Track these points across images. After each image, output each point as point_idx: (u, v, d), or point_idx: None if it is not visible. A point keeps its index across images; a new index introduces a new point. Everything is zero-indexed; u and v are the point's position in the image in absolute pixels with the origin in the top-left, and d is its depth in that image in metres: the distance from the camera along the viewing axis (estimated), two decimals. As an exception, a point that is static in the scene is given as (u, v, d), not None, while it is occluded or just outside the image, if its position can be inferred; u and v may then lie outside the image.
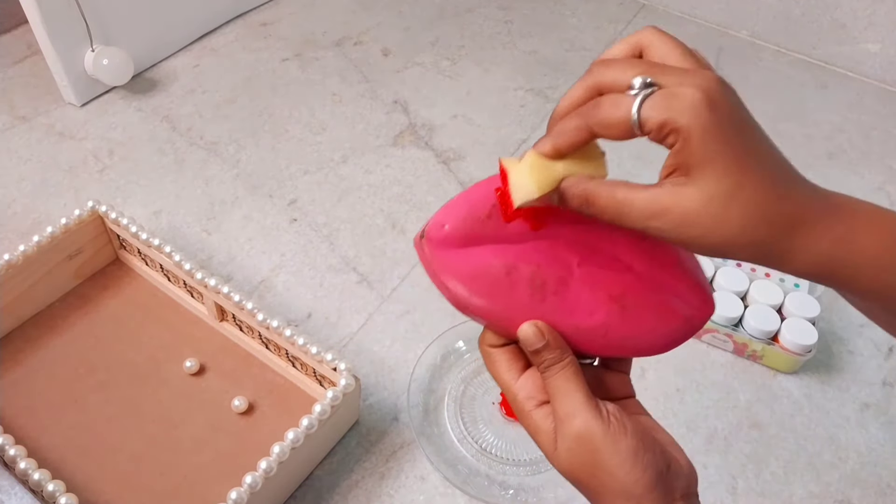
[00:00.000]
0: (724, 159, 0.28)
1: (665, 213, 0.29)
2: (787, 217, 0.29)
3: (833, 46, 1.09)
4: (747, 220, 0.28)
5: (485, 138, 0.94)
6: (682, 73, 0.29)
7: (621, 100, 0.29)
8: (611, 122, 0.29)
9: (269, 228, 0.81)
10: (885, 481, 0.63)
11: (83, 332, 0.68)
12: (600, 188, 0.30)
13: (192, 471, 0.59)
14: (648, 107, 0.28)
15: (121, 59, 0.92)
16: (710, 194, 0.28)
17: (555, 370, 0.34)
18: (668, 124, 0.28)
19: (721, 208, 0.28)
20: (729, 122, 0.28)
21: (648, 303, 0.35)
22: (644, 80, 0.29)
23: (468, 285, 0.35)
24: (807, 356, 0.68)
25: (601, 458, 0.32)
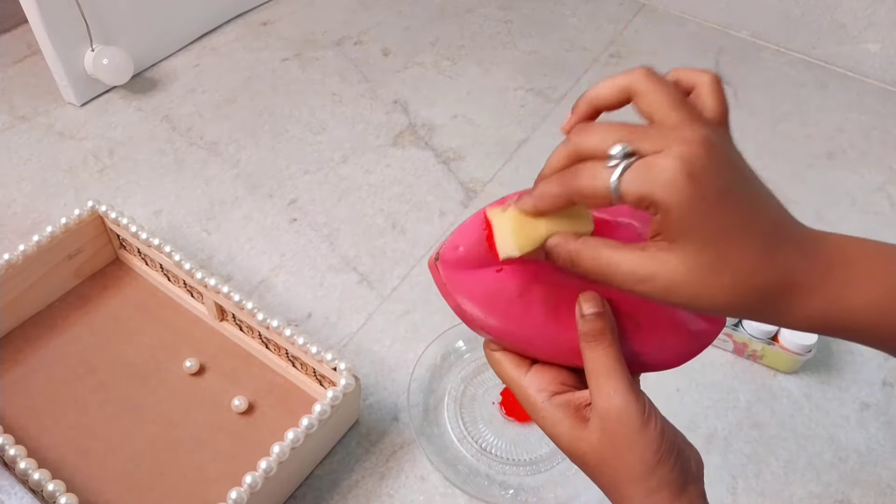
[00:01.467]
0: (705, 232, 0.28)
1: (650, 279, 0.29)
2: (774, 283, 0.29)
3: (833, 46, 1.09)
4: (733, 290, 0.28)
5: (485, 138, 0.94)
6: (663, 138, 0.28)
7: (600, 171, 0.29)
8: (589, 193, 0.29)
9: (269, 228, 0.81)
10: (885, 481, 0.63)
11: (83, 332, 0.68)
12: (585, 251, 0.31)
13: (192, 471, 0.59)
14: (627, 180, 0.28)
15: (121, 59, 0.92)
16: (692, 266, 0.28)
17: (602, 344, 0.34)
18: (645, 198, 0.28)
19: (704, 279, 0.28)
20: (710, 192, 0.27)
21: (661, 319, 0.35)
22: (623, 150, 0.28)
23: (483, 307, 0.35)
24: (807, 356, 0.68)
25: (633, 437, 0.32)
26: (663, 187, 0.27)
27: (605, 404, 0.33)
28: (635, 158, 0.28)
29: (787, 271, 0.29)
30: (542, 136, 0.95)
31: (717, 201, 0.28)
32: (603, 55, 1.10)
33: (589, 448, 0.34)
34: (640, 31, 1.16)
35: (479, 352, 0.70)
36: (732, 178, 0.29)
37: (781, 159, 0.92)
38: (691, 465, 0.34)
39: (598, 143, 0.29)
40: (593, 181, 0.29)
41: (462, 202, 0.85)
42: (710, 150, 0.28)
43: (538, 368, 0.36)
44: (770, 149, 0.94)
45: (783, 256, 0.29)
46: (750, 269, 0.28)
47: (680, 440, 0.34)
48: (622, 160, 0.28)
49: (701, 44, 1.14)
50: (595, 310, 0.34)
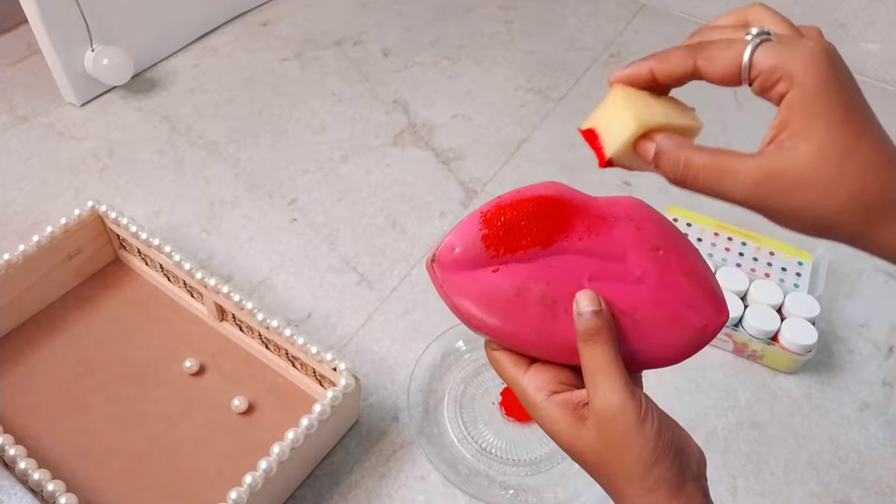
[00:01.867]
0: (841, 115, 0.26)
1: (775, 177, 0.27)
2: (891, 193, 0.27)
3: (833, 46, 1.09)
4: (862, 184, 0.26)
5: (485, 138, 0.94)
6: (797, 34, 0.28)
7: (734, 41, 0.28)
8: (720, 58, 0.28)
9: (269, 228, 0.81)
10: (884, 481, 0.63)
11: (83, 332, 0.68)
12: (701, 152, 0.29)
13: (192, 471, 0.59)
14: (763, 49, 0.27)
15: (121, 59, 0.92)
16: (826, 153, 0.26)
17: (599, 343, 0.33)
18: (779, 68, 0.26)
19: (836, 169, 0.26)
20: (844, 80, 0.27)
21: (660, 315, 0.35)
22: (761, 30, 0.28)
23: (480, 307, 0.35)
24: (807, 356, 0.68)
25: (629, 437, 0.32)
26: (804, 61, 0.26)
27: (602, 403, 0.33)
28: (772, 38, 0.28)
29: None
30: (542, 135, 0.95)
31: (848, 90, 0.27)
32: (603, 55, 1.10)
33: (586, 447, 0.34)
34: (639, 31, 1.16)
35: (479, 352, 0.70)
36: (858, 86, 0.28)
37: (781, 159, 0.92)
38: (691, 462, 0.34)
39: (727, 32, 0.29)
40: (727, 47, 0.28)
41: (462, 202, 0.85)
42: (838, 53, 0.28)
43: (537, 367, 0.36)
44: (770, 149, 0.93)
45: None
46: (879, 164, 0.27)
47: (680, 437, 0.34)
48: (759, 36, 0.28)
49: (701, 44, 1.14)
50: (592, 308, 0.34)
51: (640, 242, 0.36)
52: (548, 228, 0.35)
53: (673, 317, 0.36)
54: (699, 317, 0.36)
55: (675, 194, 0.36)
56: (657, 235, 0.36)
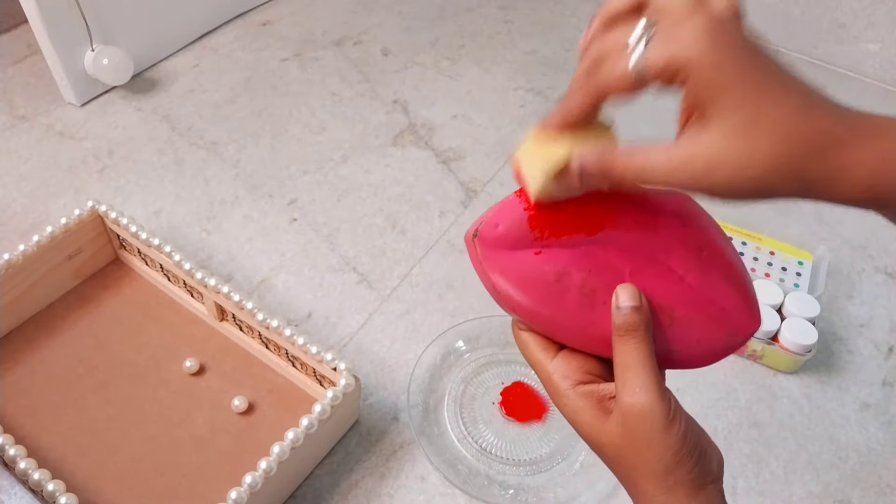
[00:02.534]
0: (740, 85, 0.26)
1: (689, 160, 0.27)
2: (821, 136, 0.26)
3: (833, 46, 1.09)
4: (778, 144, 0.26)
5: (485, 138, 0.94)
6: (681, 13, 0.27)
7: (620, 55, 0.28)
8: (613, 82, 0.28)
9: (269, 228, 0.81)
10: (884, 481, 0.63)
11: (83, 332, 0.68)
12: (616, 154, 0.29)
13: (192, 471, 0.59)
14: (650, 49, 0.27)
15: (121, 59, 0.92)
16: (732, 126, 0.26)
17: (635, 339, 0.33)
18: (672, 62, 0.26)
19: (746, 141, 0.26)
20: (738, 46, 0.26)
21: (697, 316, 0.35)
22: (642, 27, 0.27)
23: (518, 288, 0.35)
24: (807, 356, 0.68)
25: (654, 437, 0.32)
26: (688, 46, 0.26)
27: (630, 400, 0.32)
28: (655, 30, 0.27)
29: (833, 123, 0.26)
30: (542, 136, 0.95)
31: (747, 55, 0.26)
32: (603, 55, 1.10)
33: (608, 440, 0.33)
34: (640, 31, 1.16)
35: (479, 352, 0.70)
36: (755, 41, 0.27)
37: (781, 159, 0.92)
38: (712, 465, 0.33)
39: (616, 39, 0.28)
40: (614, 68, 0.28)
41: (462, 202, 0.85)
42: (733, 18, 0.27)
43: (565, 354, 0.36)
44: (770, 149, 0.94)
45: (826, 110, 0.27)
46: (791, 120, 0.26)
47: (703, 440, 0.34)
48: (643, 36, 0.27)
49: (701, 44, 1.14)
50: (632, 303, 0.33)
51: (686, 241, 0.35)
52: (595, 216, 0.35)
53: (709, 318, 0.35)
54: (734, 322, 0.36)
55: None
56: (703, 235, 0.36)
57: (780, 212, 0.85)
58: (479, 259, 0.36)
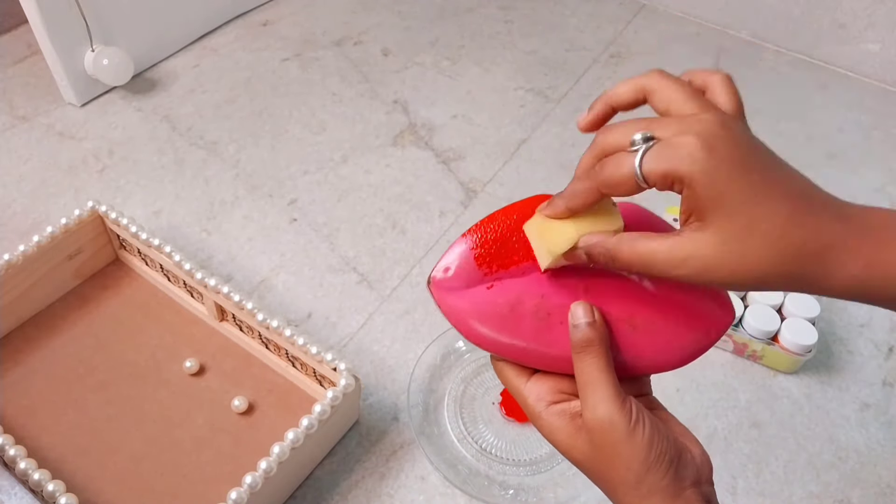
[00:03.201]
0: (733, 198, 0.28)
1: (687, 261, 0.29)
2: (810, 244, 0.28)
3: (833, 46, 1.09)
4: (770, 254, 0.28)
5: (485, 138, 0.94)
6: (680, 122, 0.29)
7: (624, 158, 0.30)
8: (616, 181, 0.30)
9: (269, 228, 0.81)
10: (885, 481, 0.63)
11: (83, 332, 0.68)
12: (622, 245, 0.31)
13: (192, 471, 0.59)
14: (649, 160, 0.29)
15: (121, 59, 0.92)
16: (726, 236, 0.28)
17: (591, 354, 0.34)
18: (669, 174, 0.28)
19: (739, 247, 0.28)
20: (732, 160, 0.28)
21: (661, 319, 0.35)
22: (644, 136, 0.29)
23: (477, 323, 0.36)
24: (807, 356, 0.68)
25: (618, 448, 0.33)
26: (684, 160, 0.28)
27: (591, 415, 0.33)
28: (656, 141, 0.29)
29: (821, 231, 0.29)
30: (542, 136, 0.95)
31: (740, 168, 0.28)
32: (603, 55, 1.10)
33: (582, 457, 0.34)
34: (639, 31, 1.16)
35: (479, 352, 0.70)
36: (752, 150, 0.29)
37: (781, 159, 0.92)
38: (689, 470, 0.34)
39: (620, 137, 0.31)
40: (618, 168, 0.30)
41: (462, 202, 0.85)
42: (727, 128, 0.29)
43: (537, 377, 0.37)
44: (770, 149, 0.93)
45: (814, 217, 0.29)
46: (782, 230, 0.28)
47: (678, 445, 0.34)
48: (644, 144, 0.29)
49: (701, 44, 1.14)
50: (585, 319, 0.34)
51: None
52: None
53: (674, 320, 0.36)
54: (703, 318, 0.36)
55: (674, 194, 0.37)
56: None
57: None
58: (438, 303, 0.37)
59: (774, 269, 0.29)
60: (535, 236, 0.35)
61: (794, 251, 0.28)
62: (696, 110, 0.30)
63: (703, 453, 0.35)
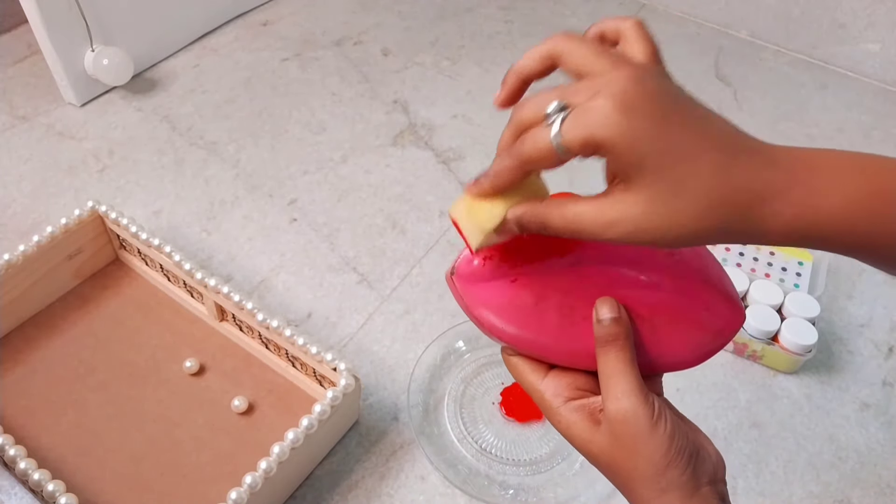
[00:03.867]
0: (655, 158, 0.27)
1: (616, 223, 0.29)
2: (739, 195, 0.28)
3: (833, 46, 1.09)
4: (698, 210, 0.28)
5: (485, 138, 0.94)
6: (592, 85, 0.28)
7: (540, 131, 0.29)
8: (536, 157, 0.29)
9: (269, 228, 0.81)
10: (885, 481, 0.63)
11: (83, 332, 0.68)
12: (550, 209, 0.31)
13: (192, 471, 0.59)
14: (565, 130, 0.28)
15: (121, 59, 0.92)
16: (653, 196, 0.28)
17: (616, 348, 0.34)
18: (588, 142, 0.28)
19: (667, 207, 0.28)
20: (650, 117, 0.27)
21: (677, 320, 0.36)
22: (557, 105, 0.29)
23: (500, 317, 0.36)
24: (807, 356, 0.68)
25: (640, 440, 0.33)
26: (601, 125, 0.27)
27: (614, 406, 0.33)
28: (570, 110, 0.28)
29: (749, 181, 0.28)
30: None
31: (660, 125, 0.27)
32: (603, 55, 1.10)
33: (599, 450, 0.34)
34: (640, 31, 1.16)
35: (480, 352, 0.70)
36: (671, 102, 0.28)
37: (781, 159, 0.92)
38: (706, 466, 0.34)
39: (535, 110, 0.30)
40: (536, 143, 0.29)
41: (462, 202, 0.85)
42: (642, 83, 0.28)
43: (555, 373, 0.37)
44: (770, 149, 0.93)
45: (742, 167, 0.28)
46: (709, 184, 0.28)
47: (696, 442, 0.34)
48: (559, 114, 0.28)
49: (701, 44, 1.14)
50: (612, 315, 0.34)
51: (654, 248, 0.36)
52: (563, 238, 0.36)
53: (690, 320, 0.36)
54: (716, 319, 0.36)
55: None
56: None
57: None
58: (460, 294, 0.37)
59: (705, 224, 0.28)
60: (463, 216, 0.34)
61: (724, 205, 0.28)
62: (608, 68, 0.29)
63: (717, 452, 0.35)
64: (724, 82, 1.05)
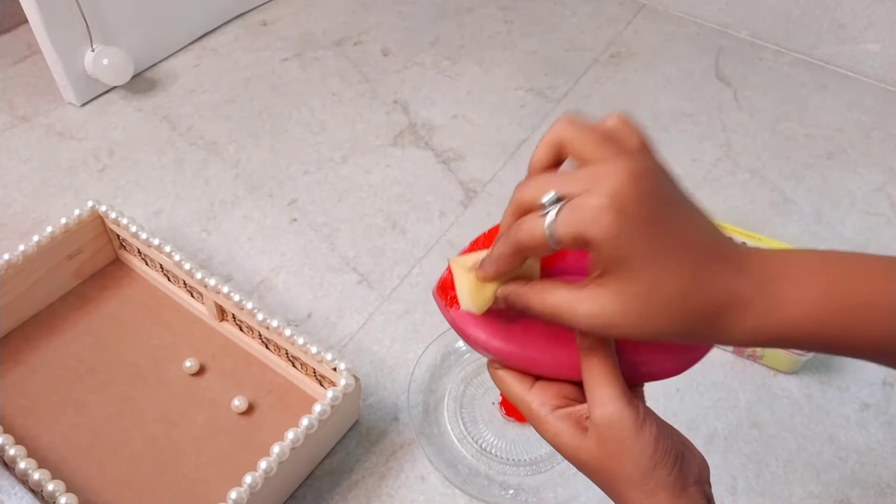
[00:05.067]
0: (635, 262, 0.29)
1: (593, 317, 0.30)
2: (707, 305, 0.30)
3: (833, 46, 1.09)
4: (669, 316, 0.30)
5: (485, 138, 0.94)
6: (589, 178, 0.29)
7: (535, 221, 0.30)
8: (532, 245, 0.31)
9: (269, 228, 0.81)
10: (884, 481, 0.63)
11: (83, 332, 0.68)
12: (532, 294, 0.33)
13: (192, 471, 0.59)
14: (559, 223, 0.29)
15: (121, 59, 0.92)
16: (627, 297, 0.29)
17: (598, 355, 0.34)
18: (578, 238, 0.29)
19: (639, 309, 0.29)
20: (638, 219, 0.28)
21: None
22: (553, 197, 0.30)
23: (485, 329, 0.37)
24: (807, 356, 0.68)
25: (627, 443, 0.33)
26: (591, 225, 0.28)
27: (600, 412, 0.34)
28: (565, 202, 0.29)
29: (719, 291, 0.30)
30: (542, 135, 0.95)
31: (644, 231, 0.28)
32: (603, 55, 1.10)
33: (588, 457, 0.35)
34: (639, 31, 1.16)
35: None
36: (660, 205, 0.29)
37: (781, 159, 0.92)
38: (692, 467, 0.34)
39: (534, 194, 0.31)
40: (532, 232, 0.30)
41: (462, 202, 0.85)
42: (636, 181, 0.28)
43: (541, 384, 0.37)
44: (770, 149, 0.94)
45: (714, 277, 0.30)
46: (681, 292, 0.29)
47: (681, 444, 0.35)
48: (554, 206, 0.30)
49: (701, 44, 1.14)
50: None
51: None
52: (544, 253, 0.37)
53: None
54: None
55: None
56: None
57: (780, 212, 0.85)
58: (446, 309, 0.38)
59: (673, 328, 0.30)
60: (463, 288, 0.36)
61: (693, 314, 0.30)
62: (606, 156, 0.31)
63: (701, 455, 0.36)
64: (724, 82, 1.05)
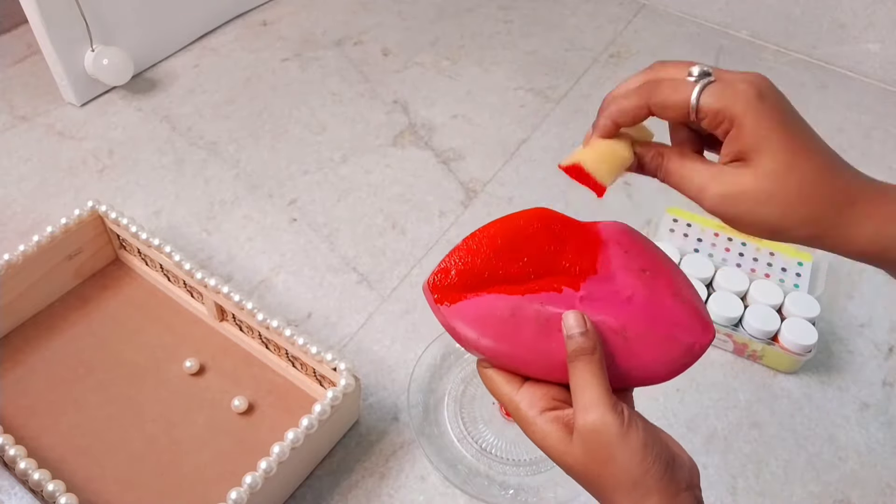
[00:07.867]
0: (778, 140, 0.31)
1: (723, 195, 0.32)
2: (840, 193, 0.31)
3: (833, 46, 1.09)
4: (803, 193, 0.31)
5: (485, 138, 0.94)
6: (732, 74, 0.32)
7: (682, 84, 0.32)
8: (670, 103, 0.33)
9: (269, 228, 0.81)
10: (884, 481, 0.63)
11: (83, 332, 0.68)
12: (673, 158, 0.35)
13: (192, 471, 0.59)
14: (708, 94, 0.31)
15: (121, 59, 0.92)
16: (766, 171, 0.31)
17: (584, 360, 0.34)
18: (723, 112, 0.31)
19: (777, 183, 0.31)
20: (778, 110, 0.31)
21: (649, 334, 0.36)
22: (703, 70, 0.32)
23: (476, 328, 0.37)
24: (807, 356, 0.68)
25: (613, 451, 0.33)
26: (739, 101, 0.31)
27: (583, 418, 0.34)
28: (713, 79, 0.32)
29: (851, 185, 0.32)
30: (542, 135, 0.95)
31: (784, 118, 0.31)
32: (603, 55, 1.10)
33: (574, 461, 0.35)
34: (639, 31, 1.16)
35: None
36: (792, 109, 0.33)
37: (781, 159, 0.92)
38: (683, 472, 0.34)
39: (680, 68, 0.34)
40: (675, 93, 0.32)
41: (462, 202, 0.85)
42: (774, 87, 0.32)
43: (530, 385, 0.37)
44: (770, 149, 0.93)
45: (841, 176, 0.32)
46: (819, 175, 0.31)
47: (670, 449, 0.34)
48: (703, 78, 0.32)
49: (701, 44, 1.14)
50: (578, 329, 0.35)
51: (629, 264, 0.37)
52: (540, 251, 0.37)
53: (662, 335, 0.36)
54: (687, 335, 0.37)
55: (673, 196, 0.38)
56: (644, 258, 0.38)
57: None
58: (437, 306, 0.38)
59: (805, 207, 0.31)
60: (591, 161, 0.36)
61: (824, 200, 0.31)
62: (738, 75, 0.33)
63: (690, 459, 0.36)
64: (724, 82, 1.05)
